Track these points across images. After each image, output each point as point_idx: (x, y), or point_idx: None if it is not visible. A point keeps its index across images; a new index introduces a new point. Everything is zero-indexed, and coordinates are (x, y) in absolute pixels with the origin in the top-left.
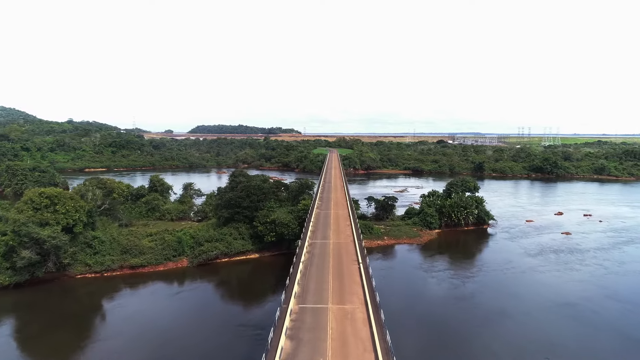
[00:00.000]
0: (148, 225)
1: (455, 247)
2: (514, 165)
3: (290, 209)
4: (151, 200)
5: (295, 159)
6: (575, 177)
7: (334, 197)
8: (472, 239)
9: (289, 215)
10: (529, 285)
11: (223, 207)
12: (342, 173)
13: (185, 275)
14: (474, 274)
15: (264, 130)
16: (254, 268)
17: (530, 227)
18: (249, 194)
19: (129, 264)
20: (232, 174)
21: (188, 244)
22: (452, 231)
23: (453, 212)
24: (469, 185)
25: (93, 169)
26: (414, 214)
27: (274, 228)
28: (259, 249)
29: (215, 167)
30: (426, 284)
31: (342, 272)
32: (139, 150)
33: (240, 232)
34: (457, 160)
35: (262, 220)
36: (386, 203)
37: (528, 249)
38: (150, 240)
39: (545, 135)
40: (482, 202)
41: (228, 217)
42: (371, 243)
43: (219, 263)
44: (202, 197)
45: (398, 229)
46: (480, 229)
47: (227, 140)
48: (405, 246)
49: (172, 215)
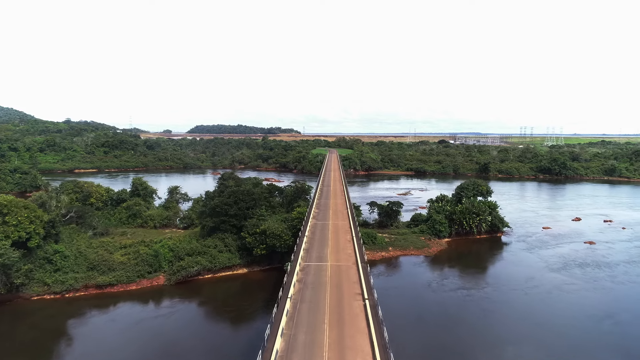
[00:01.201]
0: (126, 235)
1: (468, 259)
2: (521, 166)
3: (283, 217)
4: (132, 206)
5: (294, 159)
6: (584, 178)
7: (333, 203)
8: (486, 249)
9: (281, 225)
10: (560, 311)
11: (207, 215)
12: (342, 175)
13: (161, 295)
14: (492, 295)
15: (263, 130)
16: (242, 286)
17: (548, 235)
18: (237, 201)
19: (95, 282)
20: (222, 176)
21: (166, 258)
22: (463, 240)
23: (464, 219)
24: (481, 189)
25: (83, 170)
26: (421, 220)
27: (265, 240)
28: (248, 263)
29: (211, 168)
30: (438, 308)
31: (342, 315)
32: (132, 151)
33: (227, 243)
34: (461, 160)
35: (251, 230)
36: (390, 209)
37: (549, 262)
38: (124, 253)
39: (547, 135)
40: (495, 207)
41: (213, 226)
42: (374, 255)
43: (201, 280)
44: (189, 201)
45: (404, 239)
46: (494, 237)
47: (224, 140)
48: (413, 258)
49: (155, 222)
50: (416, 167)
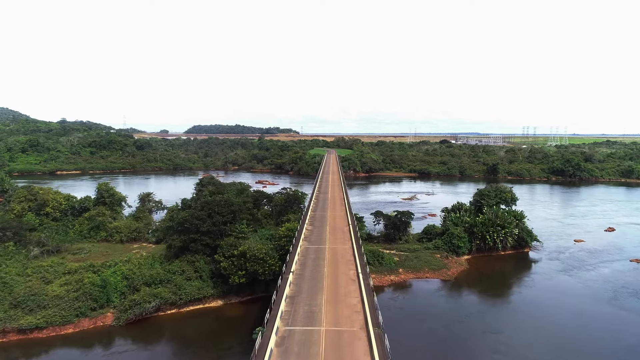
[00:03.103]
0: (82, 253)
1: (494, 284)
2: (532, 167)
3: (270, 234)
4: (95, 216)
5: (290, 160)
6: (600, 180)
7: (331, 217)
8: (515, 269)
9: (266, 245)
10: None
11: (175, 232)
12: (342, 180)
13: (107, 339)
14: (535, 344)
15: (261, 130)
16: (215, 323)
17: (583, 250)
18: (212, 213)
19: (17, 325)
20: (200, 181)
21: (118, 289)
22: (486, 258)
23: (487, 233)
24: (505, 196)
25: (65, 172)
26: (435, 234)
27: (244, 264)
28: (223, 294)
29: (203, 169)
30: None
31: None
32: (121, 151)
33: (198, 268)
34: (467, 161)
35: (227, 252)
36: (399, 220)
37: (595, 289)
38: (64, 282)
39: (551, 135)
40: (522, 218)
41: (181, 246)
42: (382, 279)
43: (162, 317)
44: (164, 210)
45: (416, 257)
46: (521, 253)
47: (219, 140)
48: (429, 283)
49: (122, 236)
50: (420, 169)
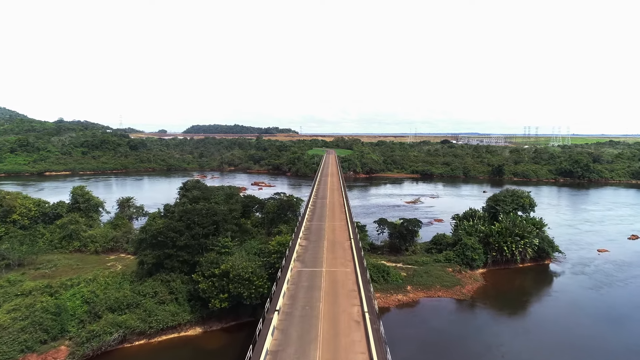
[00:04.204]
0: (49, 266)
1: (516, 304)
2: (538, 169)
3: (259, 248)
4: (67, 224)
5: (287, 161)
6: (610, 182)
7: (329, 228)
8: (536, 286)
9: (254, 261)
10: None
11: (148, 246)
12: (342, 183)
13: None
14: None
15: (260, 130)
16: (191, 357)
17: (609, 262)
18: (191, 225)
19: None
20: (184, 185)
21: (76, 316)
22: (503, 271)
23: (505, 244)
24: (523, 202)
25: (55, 173)
26: (445, 244)
27: (226, 286)
28: (203, 320)
29: (198, 170)
30: None
31: None
32: (113, 151)
33: (173, 288)
34: (470, 162)
35: (207, 271)
36: (406, 228)
37: (632, 311)
38: (12, 307)
39: (553, 135)
40: (543, 226)
41: (155, 262)
42: (387, 299)
43: (128, 350)
44: (146, 216)
45: (426, 272)
46: (541, 265)
47: (215, 139)
48: (441, 303)
49: (97, 246)
50: (422, 170)
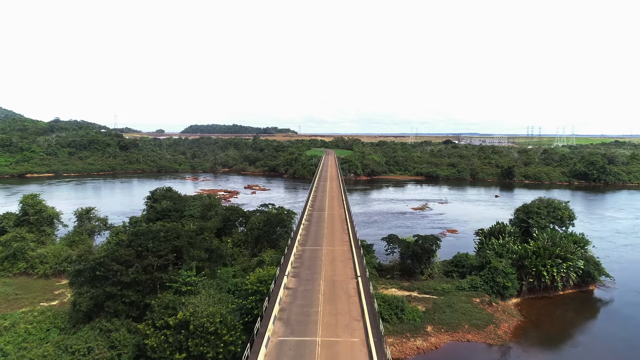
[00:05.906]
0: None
1: (565, 346)
2: (551, 171)
3: (234, 283)
4: (10, 242)
5: (284, 162)
6: (627, 185)
7: (328, 258)
8: (586, 322)
9: (224, 306)
10: None
11: (85, 281)
12: (343, 189)
13: None
14: None
15: (259, 130)
16: None
17: None
18: (143, 252)
19: None
20: (152, 194)
21: None
22: (541, 301)
23: (544, 267)
24: (560, 214)
25: (37, 175)
26: (468, 266)
27: (184, 342)
28: None
29: (190, 172)
30: None
31: None
32: (101, 152)
33: (115, 341)
34: (478, 163)
35: (158, 319)
36: (421, 247)
37: None
38: None
39: (557, 135)
40: (587, 244)
41: (93, 304)
42: (403, 346)
43: None
44: (108, 231)
45: (448, 305)
46: (585, 292)
47: (210, 139)
48: (471, 351)
49: (47, 268)
50: (427, 171)
